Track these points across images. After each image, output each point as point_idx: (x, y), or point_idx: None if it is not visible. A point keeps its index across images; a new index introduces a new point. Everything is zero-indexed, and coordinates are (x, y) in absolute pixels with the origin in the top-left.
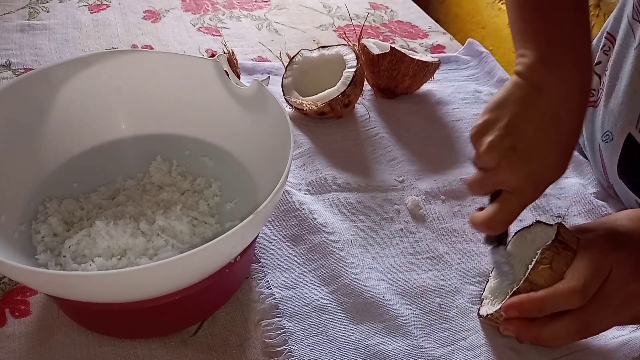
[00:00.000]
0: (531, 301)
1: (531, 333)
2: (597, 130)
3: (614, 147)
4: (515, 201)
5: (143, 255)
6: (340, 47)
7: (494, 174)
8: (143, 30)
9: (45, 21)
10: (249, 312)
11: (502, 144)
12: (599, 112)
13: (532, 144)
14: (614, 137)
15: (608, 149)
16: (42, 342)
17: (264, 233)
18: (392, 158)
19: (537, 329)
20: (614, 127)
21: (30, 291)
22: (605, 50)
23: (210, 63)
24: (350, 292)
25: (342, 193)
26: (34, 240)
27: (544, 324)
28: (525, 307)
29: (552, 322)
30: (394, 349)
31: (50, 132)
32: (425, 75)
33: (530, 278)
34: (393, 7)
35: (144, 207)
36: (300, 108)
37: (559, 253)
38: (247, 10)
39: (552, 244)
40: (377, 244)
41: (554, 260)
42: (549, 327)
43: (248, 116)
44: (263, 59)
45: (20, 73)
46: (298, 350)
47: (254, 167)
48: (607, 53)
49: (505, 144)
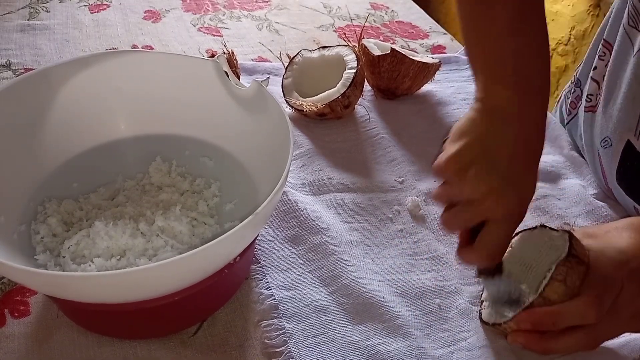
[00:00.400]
0: (546, 316)
1: (541, 346)
2: (596, 136)
3: (613, 153)
4: (507, 227)
5: (142, 256)
6: (341, 48)
7: (479, 204)
8: (143, 31)
9: (45, 21)
10: (249, 313)
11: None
12: (598, 117)
13: (512, 167)
14: (612, 144)
15: (607, 155)
16: (42, 343)
17: (264, 233)
18: (392, 159)
19: (548, 342)
20: (613, 133)
21: (29, 291)
22: (601, 56)
23: (210, 63)
24: (350, 292)
25: (342, 194)
26: (34, 240)
27: (556, 337)
28: (540, 322)
29: (563, 335)
30: (394, 349)
31: (50, 133)
32: (426, 77)
33: (545, 294)
34: (394, 8)
35: (144, 208)
36: (300, 109)
37: (572, 268)
38: (247, 10)
39: (566, 259)
40: (377, 244)
41: (567, 276)
42: (560, 340)
43: (248, 117)
44: (263, 59)
45: (20, 73)
46: (298, 351)
47: (253, 168)
48: (602, 59)
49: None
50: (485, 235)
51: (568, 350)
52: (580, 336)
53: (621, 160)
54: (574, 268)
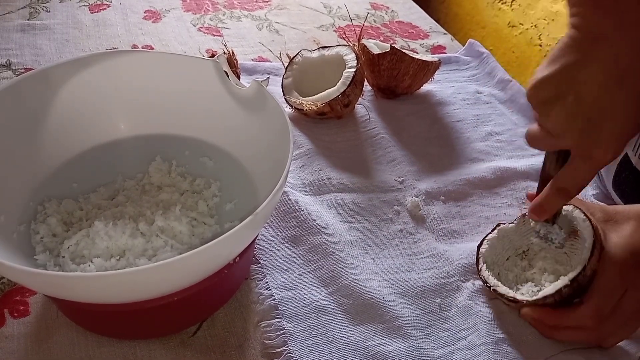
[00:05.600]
0: (547, 318)
1: (548, 333)
2: None
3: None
4: (587, 167)
5: (142, 256)
6: (341, 48)
7: (562, 140)
8: (143, 30)
9: (45, 21)
10: (249, 313)
11: (568, 113)
12: None
13: (601, 100)
14: None
15: None
16: (41, 343)
17: (264, 234)
18: (392, 159)
19: (551, 332)
20: None
21: (29, 292)
22: None
23: (210, 63)
24: (350, 293)
25: (341, 194)
26: (33, 240)
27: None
28: (541, 322)
29: (565, 330)
30: (394, 350)
31: (50, 132)
32: (426, 75)
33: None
34: (394, 8)
35: (143, 208)
36: (300, 108)
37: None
38: (247, 10)
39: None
40: (377, 244)
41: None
42: (563, 333)
43: (248, 117)
44: (263, 59)
45: (20, 73)
46: (297, 352)
47: (253, 168)
48: None
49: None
50: (562, 172)
51: (571, 342)
52: (582, 336)
53: (617, 171)
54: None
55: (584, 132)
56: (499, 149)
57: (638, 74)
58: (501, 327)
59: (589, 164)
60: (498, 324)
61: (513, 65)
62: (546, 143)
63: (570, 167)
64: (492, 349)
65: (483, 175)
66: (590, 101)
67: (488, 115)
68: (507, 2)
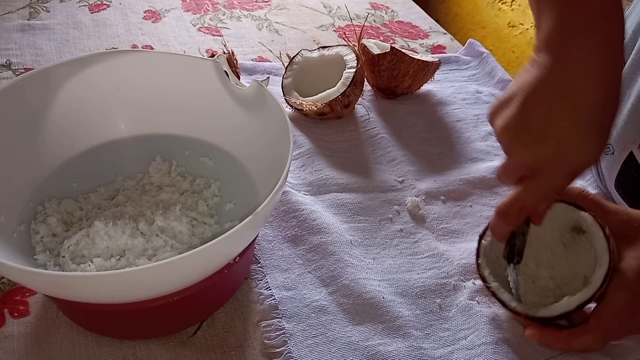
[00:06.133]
0: (554, 343)
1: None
2: None
3: (614, 161)
4: (533, 186)
5: (142, 256)
6: (341, 48)
7: (510, 157)
8: (143, 30)
9: (45, 21)
10: (248, 313)
11: (514, 124)
12: None
13: (545, 122)
14: (614, 152)
15: (608, 161)
16: (41, 343)
17: (264, 234)
18: (392, 158)
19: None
20: (617, 142)
21: (29, 291)
22: None
23: (210, 63)
24: (350, 292)
25: (341, 194)
26: (33, 240)
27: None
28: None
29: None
30: (394, 350)
31: (50, 132)
32: (426, 75)
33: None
34: (394, 8)
35: (143, 208)
36: (300, 108)
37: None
38: (247, 10)
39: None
40: (377, 244)
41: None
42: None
43: (248, 117)
44: (263, 59)
45: (20, 73)
46: (297, 352)
47: (253, 168)
48: None
49: (516, 123)
50: (515, 192)
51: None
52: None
53: (622, 169)
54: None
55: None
56: (499, 148)
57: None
58: (501, 327)
59: (536, 184)
60: (498, 324)
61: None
62: (507, 170)
63: (518, 187)
64: (492, 349)
65: (483, 175)
66: (537, 120)
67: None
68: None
